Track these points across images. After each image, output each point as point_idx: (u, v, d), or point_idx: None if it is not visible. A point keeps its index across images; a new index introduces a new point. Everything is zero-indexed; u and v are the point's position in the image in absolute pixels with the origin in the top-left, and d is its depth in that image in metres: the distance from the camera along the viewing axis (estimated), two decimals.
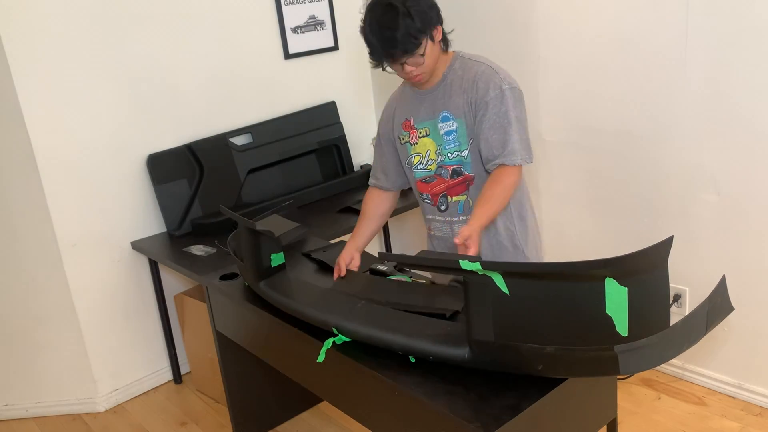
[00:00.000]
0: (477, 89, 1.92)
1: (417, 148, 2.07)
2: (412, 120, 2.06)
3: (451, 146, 2.00)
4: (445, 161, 2.03)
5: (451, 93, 1.98)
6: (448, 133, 2.00)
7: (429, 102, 2.02)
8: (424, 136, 2.04)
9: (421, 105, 2.04)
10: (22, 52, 2.70)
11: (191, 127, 3.19)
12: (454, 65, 2.00)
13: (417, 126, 2.05)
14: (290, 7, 3.40)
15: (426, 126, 2.03)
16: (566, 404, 1.60)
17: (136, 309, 3.16)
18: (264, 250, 2.15)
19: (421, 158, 2.07)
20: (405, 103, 2.10)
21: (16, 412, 3.11)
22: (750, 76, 2.34)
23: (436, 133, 2.02)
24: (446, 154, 2.02)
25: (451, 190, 2.07)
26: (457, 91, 1.96)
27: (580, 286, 1.39)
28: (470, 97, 1.93)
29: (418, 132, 2.05)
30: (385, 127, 2.17)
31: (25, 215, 2.86)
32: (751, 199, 2.45)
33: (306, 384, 2.08)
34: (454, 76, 1.98)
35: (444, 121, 1.99)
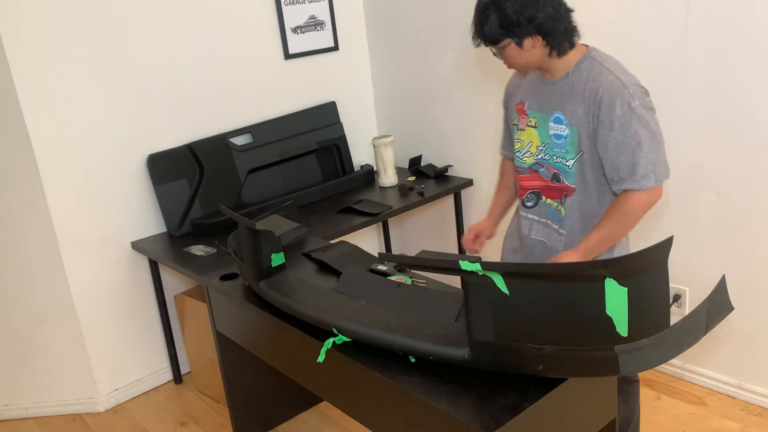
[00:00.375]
0: (601, 104, 1.79)
1: (521, 135, 1.99)
2: (526, 104, 1.98)
3: (557, 150, 1.91)
4: (550, 162, 1.94)
5: (572, 96, 1.86)
6: (558, 137, 1.89)
7: (546, 94, 1.92)
8: (532, 127, 1.96)
9: (539, 94, 1.95)
10: (22, 52, 2.70)
11: (191, 127, 3.19)
12: (581, 66, 1.86)
13: (529, 113, 1.96)
14: (290, 7, 3.40)
15: (537, 117, 1.94)
16: (566, 404, 1.60)
17: (136, 309, 3.16)
18: (264, 250, 2.15)
19: (521, 147, 2.00)
20: (527, 86, 2.00)
21: (16, 412, 3.12)
22: (750, 76, 2.34)
23: (544, 129, 1.93)
24: (552, 156, 1.92)
25: (547, 192, 1.97)
26: (578, 97, 1.84)
27: (580, 286, 1.39)
28: (592, 110, 1.81)
29: (528, 119, 1.96)
30: (506, 99, 2.11)
31: (26, 215, 2.87)
32: (751, 199, 2.45)
33: (306, 384, 2.08)
34: (578, 78, 1.85)
35: (557, 122, 1.89)
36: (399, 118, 3.76)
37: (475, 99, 3.30)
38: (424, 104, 3.59)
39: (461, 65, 3.31)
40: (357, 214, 3.10)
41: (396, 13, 3.54)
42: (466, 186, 3.43)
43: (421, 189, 3.31)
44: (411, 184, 3.43)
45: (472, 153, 3.42)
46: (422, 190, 3.31)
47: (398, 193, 3.33)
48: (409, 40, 3.52)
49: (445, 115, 3.49)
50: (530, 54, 1.82)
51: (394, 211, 3.13)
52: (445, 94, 3.45)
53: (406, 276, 2.18)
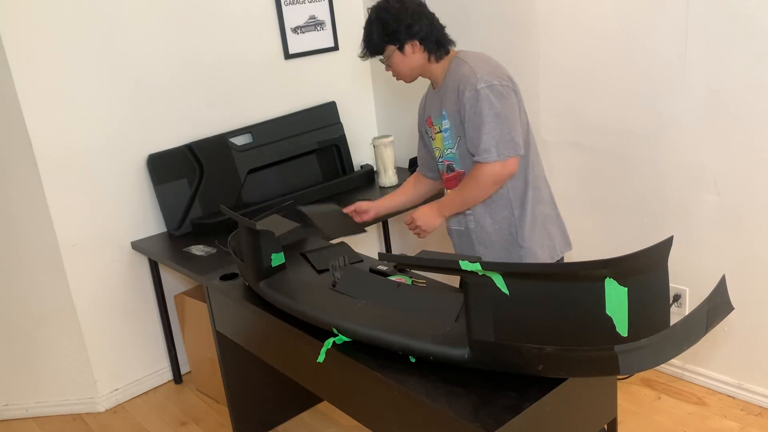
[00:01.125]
0: (459, 91, 2.04)
1: (435, 143, 2.22)
2: (432, 117, 2.20)
3: (447, 143, 2.15)
4: (446, 156, 2.18)
5: (447, 93, 2.11)
6: (445, 131, 2.14)
7: (437, 101, 2.17)
8: (438, 132, 2.18)
9: (434, 103, 2.19)
10: (22, 52, 2.70)
11: (191, 127, 3.19)
12: (451, 66, 2.12)
13: (434, 122, 2.19)
14: (290, 7, 3.40)
15: (438, 123, 2.17)
16: (566, 404, 1.60)
17: (136, 309, 3.16)
18: (264, 250, 2.15)
19: (440, 152, 2.21)
20: (428, 101, 2.25)
21: (16, 412, 3.12)
22: (750, 75, 2.34)
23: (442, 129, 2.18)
24: (444, 150, 2.17)
25: (447, 183, 2.22)
26: (450, 93, 2.09)
27: (580, 286, 1.39)
28: (456, 98, 2.06)
29: (435, 128, 2.19)
30: (419, 121, 2.33)
31: (26, 215, 2.87)
32: (751, 199, 2.45)
33: (306, 384, 2.08)
34: (450, 77, 2.11)
35: (443, 119, 2.13)
36: (399, 118, 3.76)
37: None
38: None
39: None
40: None
41: None
42: None
43: None
44: None
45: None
46: None
47: None
48: None
49: None
50: (411, 59, 2.10)
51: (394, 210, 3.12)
52: None
53: (406, 276, 2.18)
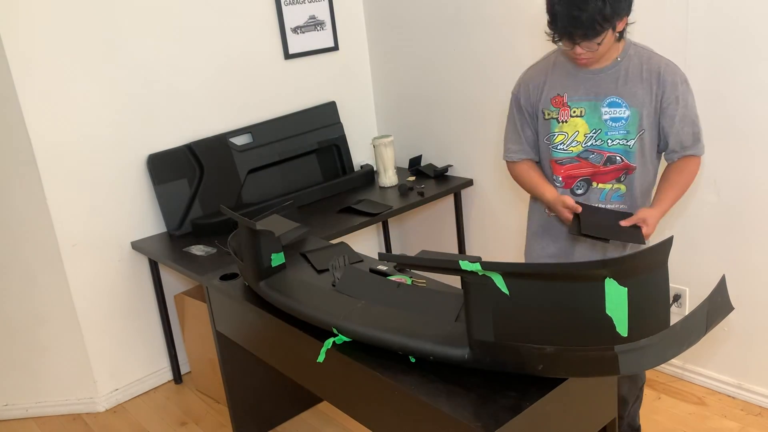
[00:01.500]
0: (665, 83, 1.92)
1: (564, 127, 2.02)
2: (565, 97, 2.01)
3: (615, 133, 1.97)
4: (602, 146, 2.00)
5: (627, 80, 1.94)
6: (615, 120, 1.96)
7: (593, 83, 1.98)
8: (577, 116, 2.00)
9: (582, 84, 1.99)
10: (22, 52, 2.70)
11: (191, 127, 3.19)
12: (629, 52, 1.96)
13: (571, 104, 2.00)
14: (290, 7, 3.40)
15: (583, 106, 1.99)
16: (566, 404, 1.60)
17: (136, 309, 3.16)
18: (264, 250, 2.15)
19: (565, 138, 2.03)
20: (560, 78, 2.03)
21: (16, 412, 3.12)
22: (750, 76, 2.34)
23: (595, 115, 1.98)
24: (606, 140, 1.99)
25: (598, 177, 2.04)
26: (635, 79, 1.94)
27: (580, 286, 1.39)
28: (655, 89, 1.93)
29: (571, 110, 2.00)
30: (532, 97, 2.08)
31: (26, 215, 2.87)
32: (751, 199, 2.45)
33: (306, 384, 2.08)
34: (630, 63, 1.95)
35: (612, 106, 1.96)
36: (399, 118, 3.76)
37: (475, 99, 3.30)
38: (424, 104, 3.59)
39: (461, 65, 3.31)
40: (357, 214, 3.10)
41: (396, 13, 3.54)
42: (466, 186, 3.43)
43: (421, 189, 3.31)
44: (411, 184, 3.43)
45: (472, 153, 3.42)
46: (422, 190, 3.31)
47: (398, 193, 3.33)
48: (409, 40, 3.52)
49: (445, 115, 3.49)
50: (612, 39, 1.87)
51: (394, 211, 3.13)
52: (445, 94, 3.45)
53: (406, 276, 2.18)
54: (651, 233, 1.96)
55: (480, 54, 3.20)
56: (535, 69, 2.11)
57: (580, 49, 1.86)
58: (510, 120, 2.18)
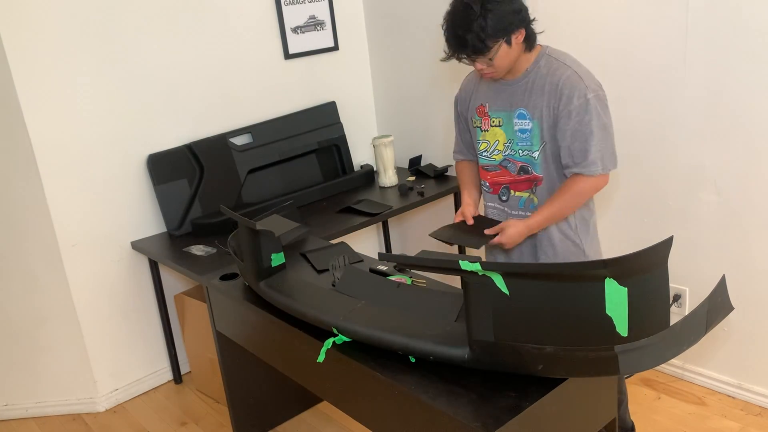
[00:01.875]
0: (561, 96, 1.91)
1: (486, 135, 2.08)
2: (486, 107, 2.07)
3: (522, 144, 2.01)
4: (515, 156, 2.04)
5: (532, 92, 1.97)
6: (522, 131, 2.00)
7: (507, 94, 2.02)
8: (497, 126, 2.05)
9: (499, 95, 2.04)
10: (23, 53, 2.70)
11: (191, 127, 3.19)
12: (540, 63, 1.97)
13: (491, 114, 2.05)
14: (290, 7, 3.40)
15: (500, 116, 2.04)
16: (566, 404, 1.60)
17: (136, 309, 3.16)
18: (264, 250, 2.15)
19: (488, 147, 2.09)
20: (484, 88, 2.09)
21: (16, 412, 3.12)
22: (750, 75, 2.34)
23: (509, 126, 2.03)
24: (516, 150, 2.03)
25: (515, 185, 2.08)
26: (539, 92, 1.95)
27: (580, 286, 1.39)
28: (552, 102, 1.93)
29: (491, 120, 2.05)
30: (462, 105, 2.19)
31: (26, 215, 2.87)
32: (751, 199, 2.45)
33: (306, 384, 2.08)
34: (538, 75, 1.96)
35: (519, 117, 2.00)
36: (399, 118, 3.76)
37: None
38: (424, 104, 3.59)
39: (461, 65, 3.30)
40: (357, 214, 3.10)
41: (396, 13, 3.54)
42: None
43: (421, 189, 3.31)
44: (411, 184, 3.43)
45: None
46: (422, 190, 3.31)
47: (398, 193, 3.33)
48: (409, 40, 3.52)
49: (445, 115, 3.49)
50: (514, 51, 1.91)
51: (394, 211, 3.13)
52: (445, 94, 3.45)
53: (406, 276, 2.18)
54: (506, 242, 2.00)
55: None
56: (469, 77, 2.20)
57: (479, 64, 1.92)
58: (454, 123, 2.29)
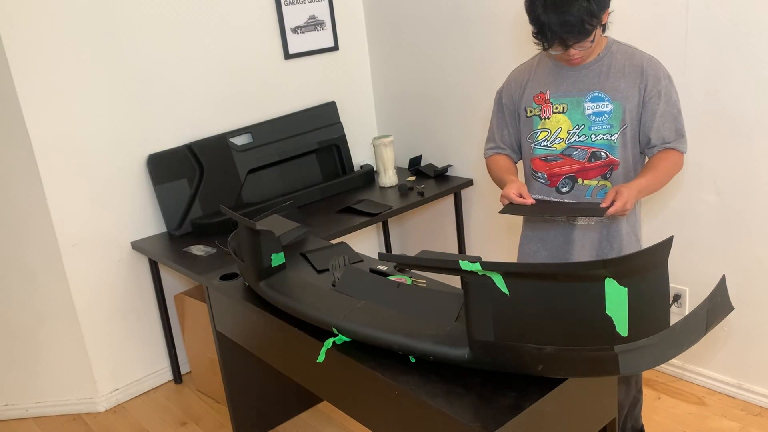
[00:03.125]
0: (647, 77, 1.93)
1: (547, 123, 2.02)
2: (547, 94, 2.02)
3: (598, 128, 1.96)
4: (586, 142, 1.98)
5: (609, 75, 1.95)
6: (598, 114, 1.96)
7: (575, 79, 1.98)
8: (560, 113, 2.00)
9: (564, 80, 1.99)
10: (23, 53, 2.70)
11: (191, 127, 3.19)
12: (612, 48, 1.97)
13: (553, 101, 2.00)
14: (290, 7, 3.40)
15: (565, 102, 1.99)
16: (566, 404, 1.60)
17: (136, 309, 3.16)
18: (264, 250, 2.15)
19: (548, 135, 2.02)
20: (542, 75, 2.04)
21: (16, 412, 3.12)
22: (750, 76, 2.34)
23: (577, 111, 1.98)
24: (589, 135, 1.98)
25: (584, 173, 2.01)
26: (617, 74, 1.94)
27: (580, 286, 1.39)
28: (638, 83, 1.93)
29: (553, 107, 2.00)
30: (512, 96, 2.11)
31: (26, 215, 2.87)
32: (750, 199, 2.45)
33: (306, 384, 2.08)
34: (613, 59, 1.96)
35: (594, 101, 1.96)
36: (399, 118, 3.76)
37: (475, 99, 3.30)
38: (424, 104, 3.59)
39: (461, 65, 3.31)
40: (357, 214, 3.10)
41: (396, 13, 3.54)
42: (466, 186, 3.43)
43: (421, 189, 3.32)
44: (411, 184, 3.43)
45: (472, 153, 3.42)
46: (422, 190, 3.31)
47: (398, 193, 3.33)
48: (409, 40, 3.52)
49: (445, 115, 3.49)
50: (600, 33, 1.89)
51: (394, 211, 3.13)
52: (445, 94, 3.45)
53: (406, 276, 2.18)
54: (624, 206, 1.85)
55: (480, 53, 3.20)
56: (520, 68, 2.14)
57: (574, 51, 1.87)
58: (491, 119, 2.22)
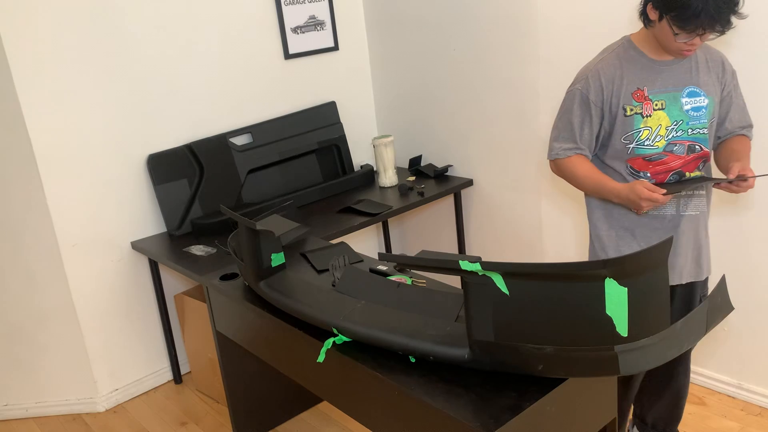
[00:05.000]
0: (725, 70, 1.98)
1: (648, 121, 1.95)
2: (645, 90, 1.95)
3: (696, 122, 1.96)
4: (683, 137, 1.96)
5: (698, 69, 1.96)
6: (696, 109, 1.95)
7: (668, 74, 1.95)
8: (659, 109, 1.95)
9: (658, 76, 1.95)
10: (23, 53, 2.70)
11: (191, 127, 3.19)
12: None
13: (652, 97, 1.94)
14: (290, 7, 3.40)
15: (663, 98, 1.94)
16: (566, 404, 1.60)
17: (136, 309, 3.16)
18: (264, 250, 2.15)
19: (650, 133, 1.96)
20: (636, 71, 1.96)
21: (16, 412, 3.12)
22: (749, 76, 2.34)
23: (675, 106, 1.95)
24: (686, 130, 1.96)
25: (686, 167, 1.99)
26: (704, 68, 1.96)
27: (580, 286, 1.39)
28: (721, 77, 1.98)
29: (653, 103, 1.94)
30: (603, 94, 1.97)
31: (26, 216, 2.87)
32: (750, 199, 2.45)
33: (306, 384, 2.08)
34: (697, 53, 1.97)
35: (691, 96, 1.95)
36: (399, 118, 3.76)
37: (475, 99, 3.30)
38: (424, 104, 3.59)
39: (461, 65, 3.31)
40: (357, 214, 3.10)
41: (396, 13, 3.54)
42: (466, 186, 3.43)
43: (421, 189, 3.32)
44: (411, 184, 3.43)
45: (472, 153, 3.42)
46: (422, 190, 3.31)
47: (398, 193, 3.33)
48: (409, 40, 3.52)
49: (445, 115, 3.49)
50: None
51: (394, 211, 3.13)
52: (445, 94, 3.45)
53: (406, 276, 2.18)
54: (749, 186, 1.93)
55: (481, 53, 3.20)
56: (603, 63, 1.98)
57: (699, 40, 1.82)
58: (564, 117, 2.04)
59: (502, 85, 3.14)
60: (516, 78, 3.08)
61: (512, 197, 3.29)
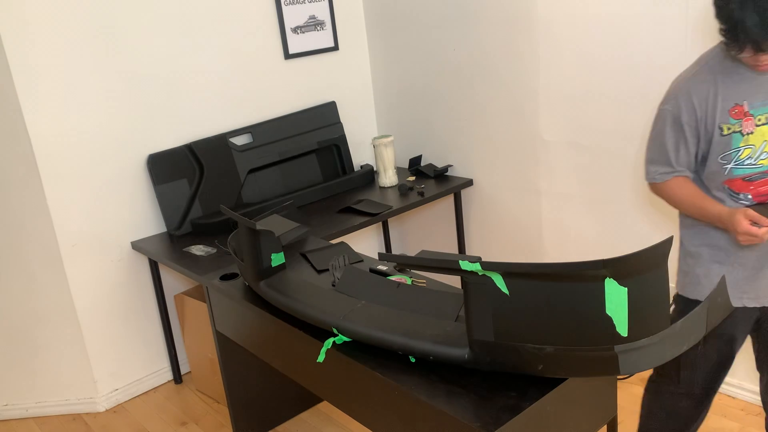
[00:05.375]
0: None
1: (751, 138, 1.78)
2: (745, 105, 1.77)
3: None
4: None
5: None
6: None
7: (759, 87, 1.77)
8: (763, 124, 1.78)
9: (759, 89, 1.77)
10: (23, 53, 2.70)
11: (191, 127, 3.19)
12: None
13: (753, 113, 1.77)
14: (290, 7, 3.40)
15: (766, 113, 1.78)
16: (566, 404, 1.60)
17: (136, 309, 3.16)
18: (264, 250, 2.15)
19: (752, 152, 1.79)
20: (733, 85, 1.78)
21: (16, 412, 3.12)
22: None
23: None
24: None
25: None
26: None
27: (580, 286, 1.39)
28: None
29: (755, 119, 1.77)
30: (694, 112, 1.80)
31: (26, 215, 2.87)
32: None
33: (306, 384, 2.08)
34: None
35: None
36: (399, 118, 3.76)
37: (475, 99, 3.30)
38: (424, 104, 3.59)
39: (461, 65, 3.31)
40: (357, 214, 3.10)
41: (396, 13, 3.54)
42: (466, 186, 3.43)
43: (421, 189, 3.32)
44: (411, 184, 3.43)
45: (472, 153, 3.42)
46: (422, 190, 3.31)
47: (398, 193, 3.33)
48: (409, 40, 3.52)
49: (445, 115, 3.49)
50: None
51: (394, 211, 3.13)
52: (445, 94, 3.45)
53: (406, 276, 2.18)
54: None
55: (480, 53, 3.20)
56: (694, 79, 1.82)
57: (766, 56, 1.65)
58: (657, 139, 1.89)
59: (502, 85, 3.14)
60: (516, 78, 3.08)
61: (512, 197, 3.29)
